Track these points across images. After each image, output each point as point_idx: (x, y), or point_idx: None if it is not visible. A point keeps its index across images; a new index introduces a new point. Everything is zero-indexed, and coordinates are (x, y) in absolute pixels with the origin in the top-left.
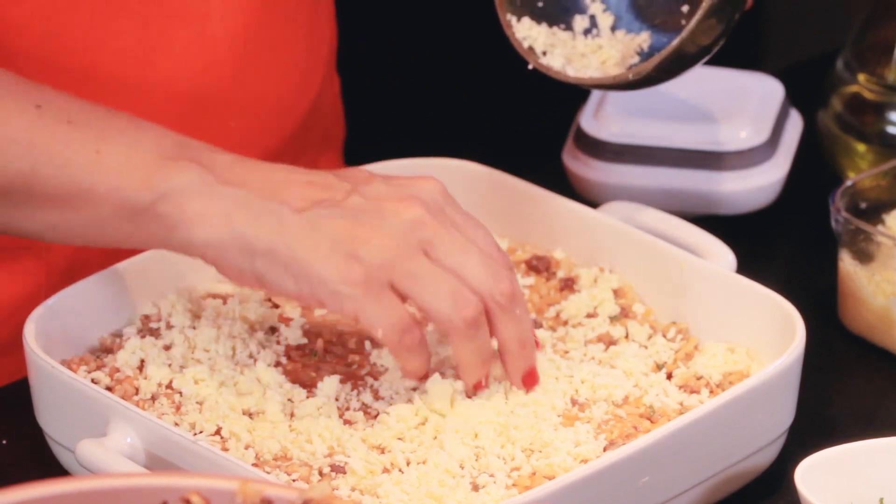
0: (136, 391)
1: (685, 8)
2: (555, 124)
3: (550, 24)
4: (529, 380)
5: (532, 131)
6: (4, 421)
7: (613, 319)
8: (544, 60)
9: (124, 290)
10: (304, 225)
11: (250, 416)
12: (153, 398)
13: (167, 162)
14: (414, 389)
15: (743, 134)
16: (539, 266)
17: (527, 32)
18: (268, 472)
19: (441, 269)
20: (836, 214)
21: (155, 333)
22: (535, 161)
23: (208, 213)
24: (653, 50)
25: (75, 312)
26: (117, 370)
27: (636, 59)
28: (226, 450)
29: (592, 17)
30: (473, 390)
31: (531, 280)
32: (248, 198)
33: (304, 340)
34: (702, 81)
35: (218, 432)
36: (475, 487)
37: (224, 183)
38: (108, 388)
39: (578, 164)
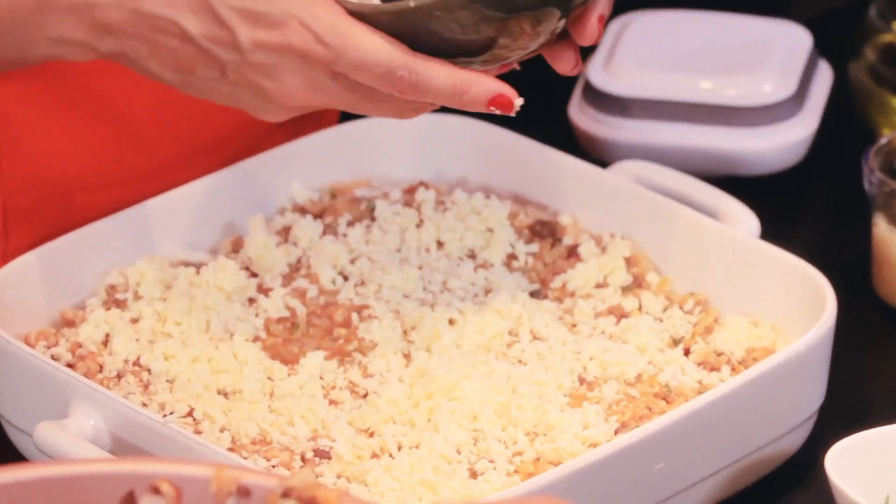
0: (101, 368)
1: None
2: (560, 76)
3: None
4: (498, 102)
5: (535, 84)
6: None
7: (625, 290)
8: None
9: (88, 257)
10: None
11: (226, 395)
12: (119, 376)
13: None
14: (406, 366)
15: (767, 87)
16: (543, 232)
17: None
18: (245, 458)
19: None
20: (869, 175)
21: (121, 305)
22: (539, 117)
23: None
24: None
25: (34, 282)
26: (80, 345)
27: None
28: (199, 433)
29: None
30: (487, 105)
31: (535, 247)
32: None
33: (286, 312)
34: (723, 30)
35: (190, 414)
36: (473, 474)
37: None
38: (70, 366)
39: (586, 120)
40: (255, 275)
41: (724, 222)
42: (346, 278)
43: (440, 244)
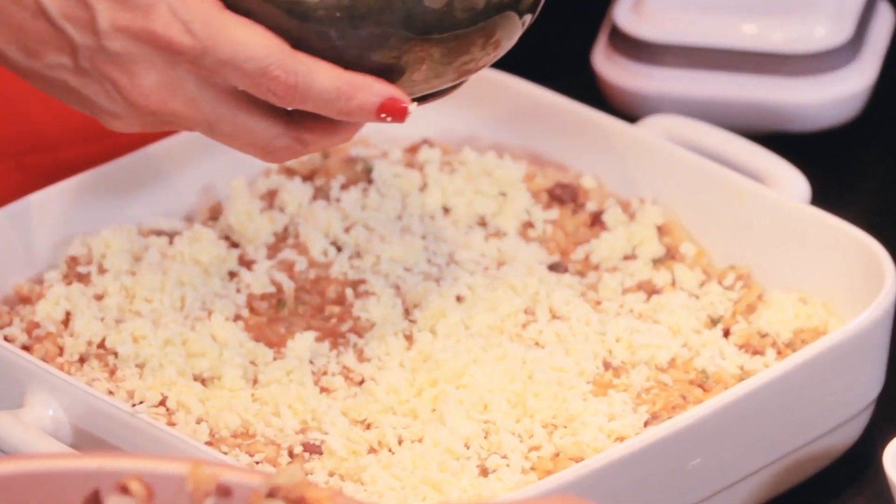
0: (61, 351)
1: None
2: (583, 20)
3: None
4: (389, 109)
5: (554, 28)
6: None
7: (657, 263)
8: None
9: (46, 224)
10: None
11: (203, 382)
12: (81, 360)
13: None
14: (408, 349)
15: (820, 31)
16: (564, 196)
17: None
18: (225, 453)
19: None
20: None
21: (84, 279)
22: (559, 65)
23: None
24: None
25: None
26: (37, 325)
27: None
28: (172, 424)
29: None
30: (378, 113)
31: (554, 213)
32: None
33: (272, 288)
34: None
35: (162, 403)
36: (484, 472)
37: None
38: (26, 348)
39: (613, 69)
40: (235, 245)
41: (770, 185)
42: (339, 249)
43: (446, 210)
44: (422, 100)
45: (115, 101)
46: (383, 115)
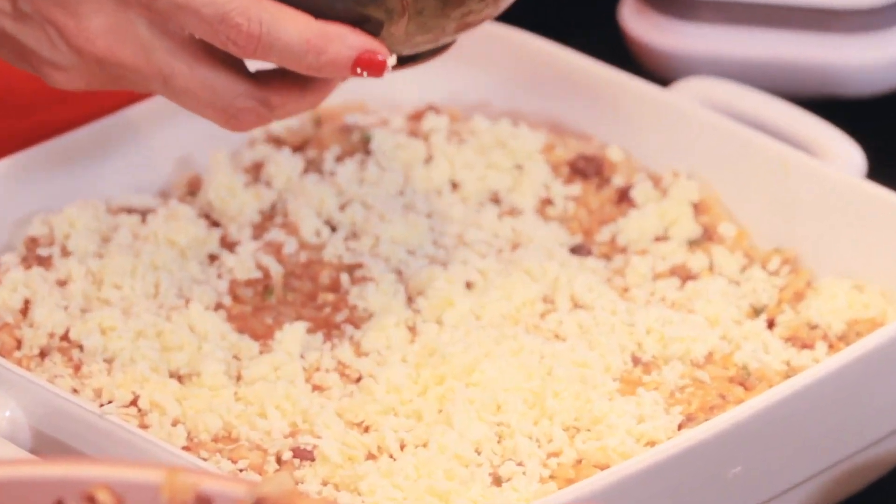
0: (18, 345)
1: None
2: None
3: None
4: (365, 62)
5: None
6: None
7: (692, 245)
8: None
9: (1, 200)
10: None
11: (180, 379)
12: (42, 354)
13: None
14: (411, 342)
15: None
16: (588, 169)
17: None
18: (205, 459)
19: None
20: None
21: (45, 263)
22: (582, 21)
23: None
24: None
25: None
26: None
27: None
28: (145, 427)
29: None
30: (353, 67)
31: (576, 188)
32: None
33: (257, 273)
34: None
35: (134, 402)
36: (497, 480)
37: None
38: None
39: (642, 25)
40: (216, 224)
41: (820, 157)
42: (333, 229)
43: (454, 185)
44: (404, 62)
45: (58, 48)
46: (358, 70)
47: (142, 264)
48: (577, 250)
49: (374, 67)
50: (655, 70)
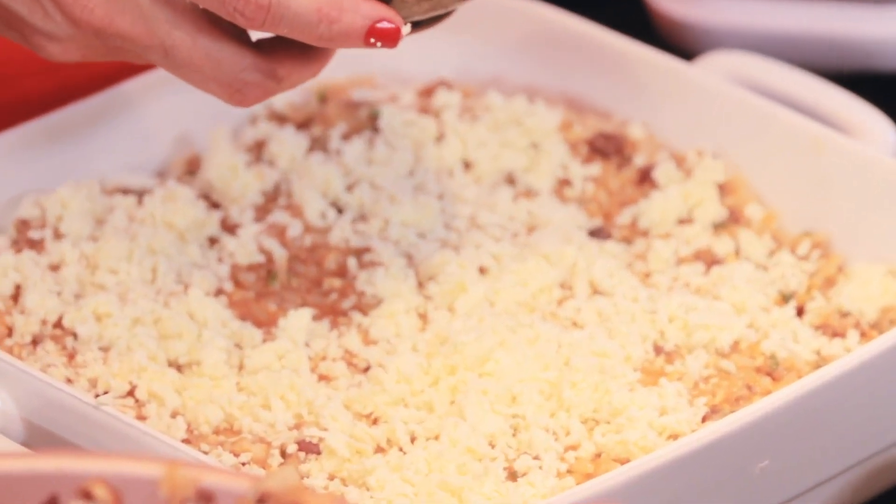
0: (10, 332)
1: None
2: None
3: None
4: (379, 32)
5: None
6: None
7: (718, 228)
8: None
9: None
10: None
11: (179, 368)
12: (34, 342)
13: None
14: (422, 330)
15: None
16: (608, 148)
17: None
18: (206, 452)
19: None
20: None
21: (37, 246)
22: None
23: None
24: None
25: None
26: None
27: None
28: (143, 418)
29: None
30: (366, 37)
31: (595, 168)
32: None
33: (260, 257)
34: None
35: (131, 393)
36: (512, 475)
37: None
38: None
39: None
40: (217, 206)
41: (853, 136)
42: (340, 211)
43: (467, 165)
44: (414, 26)
45: (53, 18)
46: (372, 41)
47: (138, 248)
48: (596, 234)
49: (388, 37)
50: (679, 43)
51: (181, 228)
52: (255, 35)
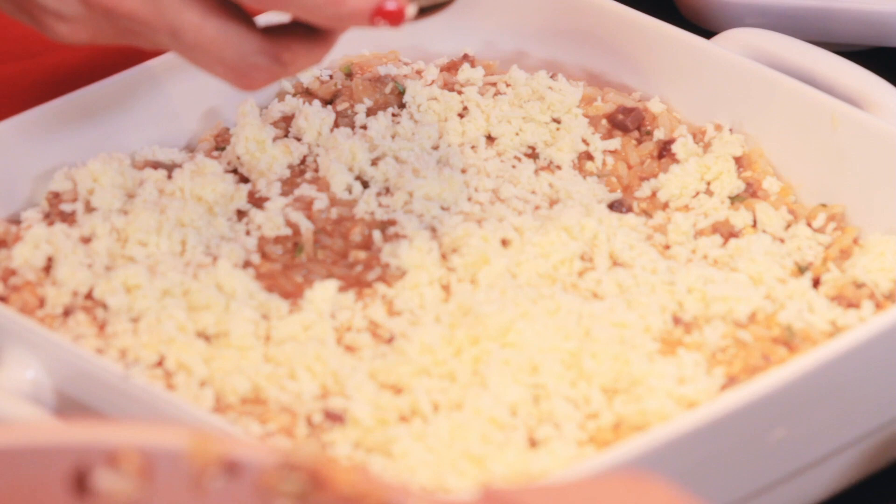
0: (41, 303)
1: None
2: None
3: None
4: (385, 11)
5: None
6: None
7: (735, 201)
8: None
9: (22, 154)
10: None
11: (207, 339)
12: (66, 313)
13: None
14: (445, 301)
15: None
16: (627, 122)
17: None
18: (233, 422)
19: None
20: None
21: (68, 219)
22: None
23: None
24: None
25: None
26: (13, 273)
27: None
28: (171, 388)
29: None
30: (372, 16)
31: (616, 142)
32: None
33: (287, 230)
34: None
35: (160, 363)
36: (533, 444)
37: None
38: (1, 299)
39: None
40: (245, 179)
41: (869, 111)
42: (365, 185)
43: (490, 139)
44: (422, 13)
45: None
46: (377, 21)
47: (168, 221)
48: (616, 207)
49: (393, 17)
50: (699, 21)
51: (210, 202)
52: (260, 21)
